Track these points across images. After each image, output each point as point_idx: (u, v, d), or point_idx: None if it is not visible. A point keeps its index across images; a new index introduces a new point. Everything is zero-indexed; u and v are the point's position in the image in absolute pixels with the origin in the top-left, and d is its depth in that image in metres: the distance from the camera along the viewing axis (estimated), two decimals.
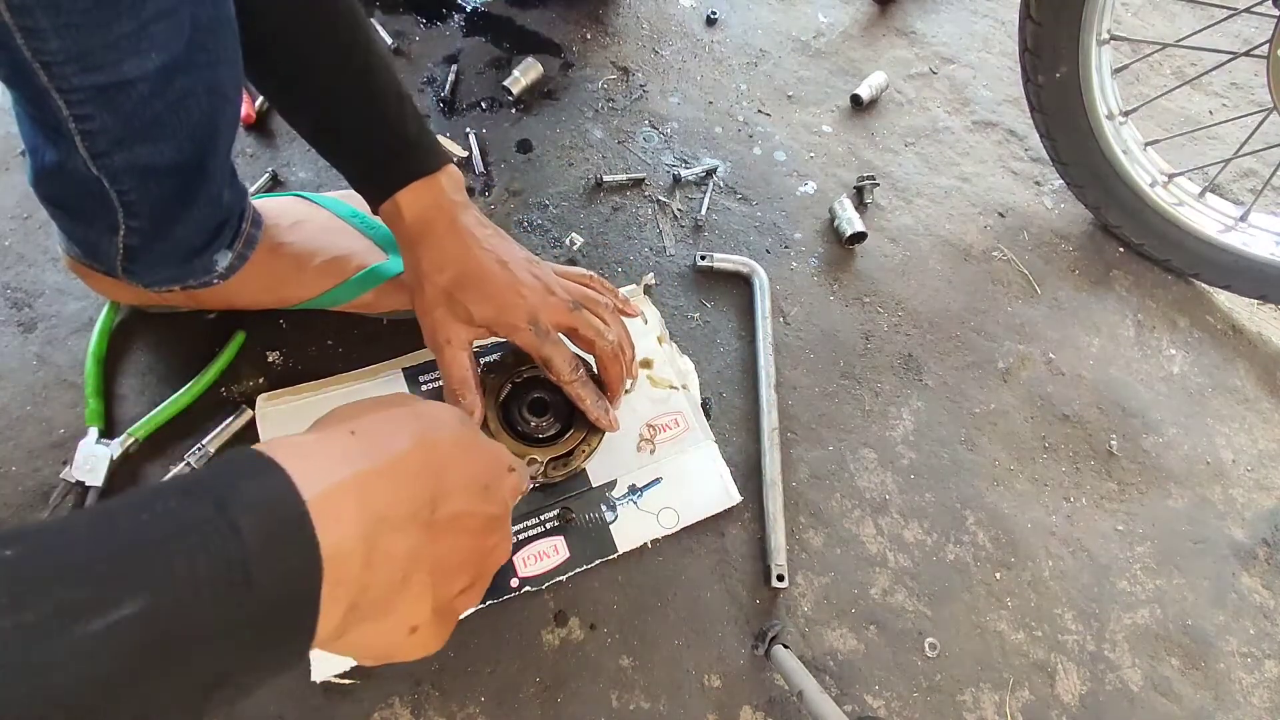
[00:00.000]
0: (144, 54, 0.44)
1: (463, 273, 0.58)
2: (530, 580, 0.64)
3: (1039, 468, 0.79)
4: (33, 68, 0.43)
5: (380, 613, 0.35)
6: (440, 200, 0.59)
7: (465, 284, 0.58)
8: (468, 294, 0.58)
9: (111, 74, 0.44)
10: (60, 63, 0.43)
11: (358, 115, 0.58)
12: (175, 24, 0.45)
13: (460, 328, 0.59)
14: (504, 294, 0.59)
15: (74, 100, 0.45)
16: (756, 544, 0.69)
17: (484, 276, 0.59)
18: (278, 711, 0.58)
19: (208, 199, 0.58)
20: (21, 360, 0.69)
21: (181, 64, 0.47)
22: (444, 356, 0.60)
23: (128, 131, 0.48)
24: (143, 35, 0.44)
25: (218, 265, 0.64)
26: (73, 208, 0.58)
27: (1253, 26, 1.20)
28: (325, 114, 0.59)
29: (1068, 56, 0.83)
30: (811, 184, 0.94)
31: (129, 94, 0.46)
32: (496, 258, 0.59)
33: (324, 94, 0.58)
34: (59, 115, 0.46)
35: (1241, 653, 0.72)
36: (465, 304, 0.58)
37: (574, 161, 0.91)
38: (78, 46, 0.42)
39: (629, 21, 1.05)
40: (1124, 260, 0.96)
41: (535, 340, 0.60)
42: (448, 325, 0.59)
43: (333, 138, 0.61)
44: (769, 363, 0.77)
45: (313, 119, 0.61)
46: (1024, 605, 0.71)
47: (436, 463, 0.38)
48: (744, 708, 0.63)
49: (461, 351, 0.60)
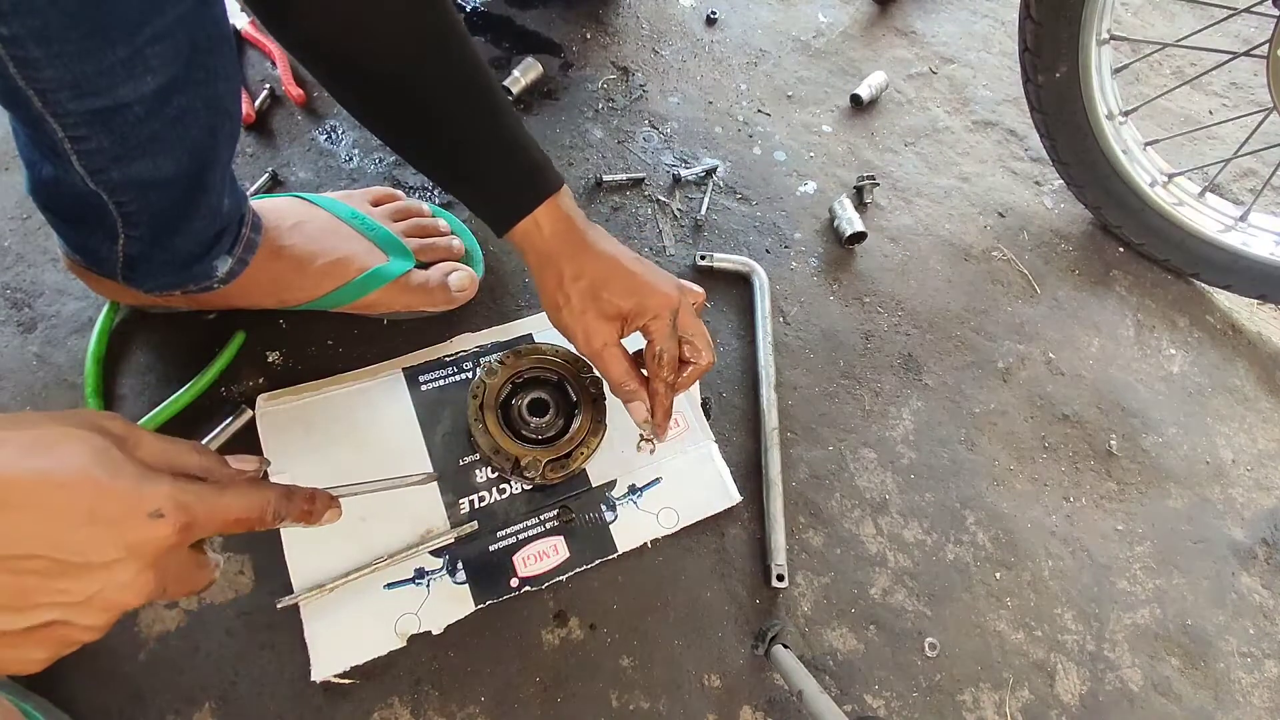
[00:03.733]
0: (139, 78, 0.44)
1: (602, 274, 0.60)
2: (530, 580, 0.64)
3: (1039, 467, 0.79)
4: (27, 95, 0.42)
5: None
6: (570, 214, 0.60)
7: (608, 283, 0.60)
8: (612, 291, 0.59)
9: (107, 98, 0.44)
10: (54, 90, 0.42)
11: (487, 141, 0.58)
12: (173, 46, 0.44)
13: (608, 327, 0.60)
14: (644, 287, 0.60)
15: (69, 124, 0.45)
16: (756, 544, 0.69)
17: (623, 273, 0.60)
18: (277, 711, 0.58)
19: (207, 209, 0.58)
20: (21, 360, 0.69)
21: (180, 83, 0.46)
22: (605, 359, 0.61)
23: (125, 150, 0.48)
24: (138, 59, 0.43)
25: (217, 271, 0.63)
26: (71, 217, 0.58)
27: (1253, 26, 1.20)
28: (454, 146, 0.59)
29: (1067, 56, 0.83)
30: (811, 184, 0.94)
31: (125, 116, 0.46)
32: (629, 257, 0.61)
33: (451, 125, 0.57)
34: (55, 137, 0.45)
35: (1241, 652, 0.72)
36: (611, 300, 0.59)
37: (574, 161, 0.91)
38: (71, 74, 0.42)
39: (629, 21, 1.05)
40: (1124, 260, 0.96)
41: (667, 331, 0.61)
42: (600, 328, 0.60)
43: (462, 167, 0.60)
44: (769, 363, 0.77)
45: (439, 151, 0.60)
46: (1024, 605, 0.71)
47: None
48: (744, 708, 0.63)
49: (618, 349, 0.61)
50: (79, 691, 0.56)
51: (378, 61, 0.54)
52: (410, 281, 0.71)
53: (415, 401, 0.70)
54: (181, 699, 0.57)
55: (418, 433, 0.68)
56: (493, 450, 0.66)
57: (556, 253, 0.60)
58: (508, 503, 0.67)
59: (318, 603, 0.60)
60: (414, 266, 0.72)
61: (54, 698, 0.55)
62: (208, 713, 0.57)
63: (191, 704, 0.57)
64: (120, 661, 0.58)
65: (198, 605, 0.61)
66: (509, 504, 0.67)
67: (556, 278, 0.60)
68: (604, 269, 0.60)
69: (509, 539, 0.65)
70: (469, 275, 0.74)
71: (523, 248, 0.61)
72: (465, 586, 0.63)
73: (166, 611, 0.60)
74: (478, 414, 0.67)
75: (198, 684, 0.58)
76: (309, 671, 0.58)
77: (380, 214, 0.74)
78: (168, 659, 0.58)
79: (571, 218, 0.60)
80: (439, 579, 0.63)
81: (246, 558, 0.63)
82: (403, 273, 0.70)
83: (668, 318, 0.61)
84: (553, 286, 0.61)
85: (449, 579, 0.63)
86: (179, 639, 0.59)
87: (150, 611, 0.60)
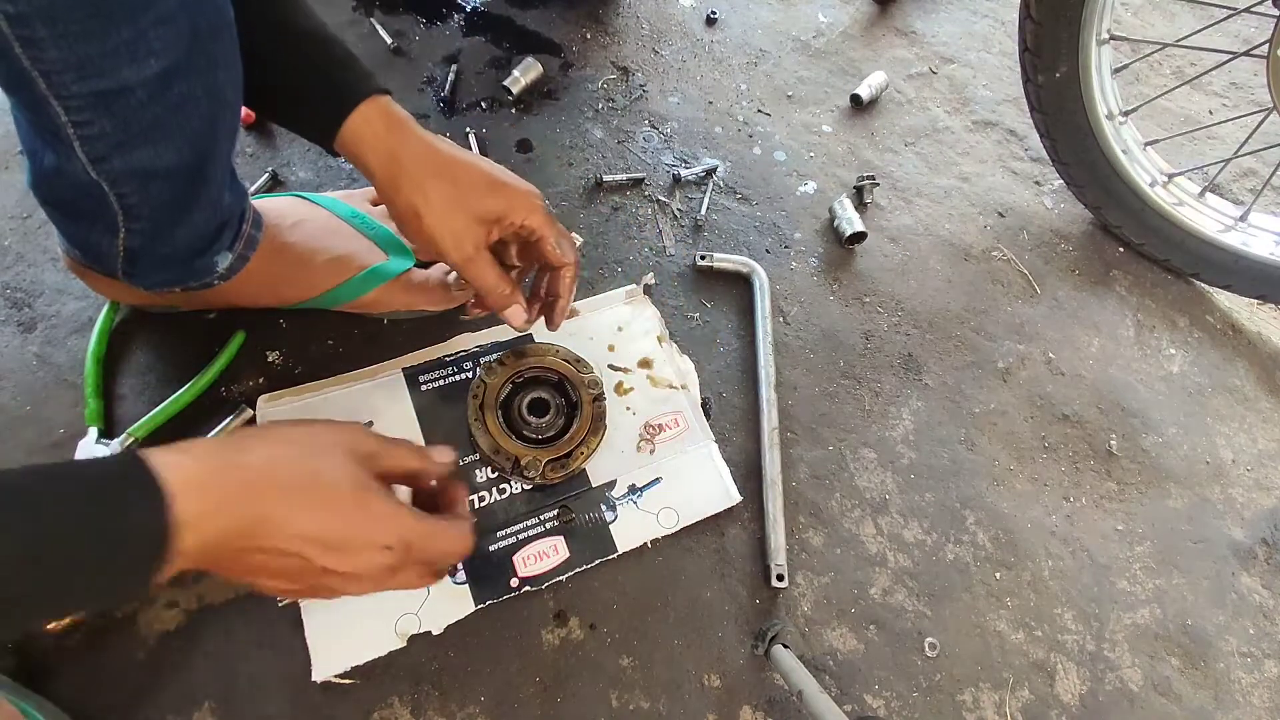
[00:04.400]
0: (143, 60, 0.44)
1: (466, 176, 0.57)
2: (530, 580, 0.64)
3: (1039, 467, 0.79)
4: (31, 76, 0.42)
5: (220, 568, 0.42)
6: (405, 115, 0.58)
7: (474, 185, 0.57)
8: (480, 192, 0.57)
9: (110, 80, 0.44)
10: (59, 71, 0.43)
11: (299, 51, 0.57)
12: (175, 30, 0.45)
13: (479, 230, 0.58)
14: (508, 187, 0.58)
15: (72, 107, 0.45)
16: (756, 544, 0.69)
17: (485, 174, 0.58)
18: (277, 711, 0.58)
19: (208, 202, 0.58)
20: (21, 360, 0.69)
21: (181, 69, 0.47)
22: (479, 263, 0.58)
23: (127, 136, 0.48)
24: (141, 42, 0.43)
25: (218, 267, 0.64)
26: (72, 211, 0.58)
27: (1253, 26, 1.20)
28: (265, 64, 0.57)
29: (1067, 56, 0.83)
30: (811, 184, 0.94)
31: (128, 100, 0.46)
32: (482, 159, 0.59)
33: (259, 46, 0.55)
34: (57, 121, 0.46)
35: (1241, 652, 0.72)
36: (481, 201, 0.57)
37: (574, 161, 0.91)
38: (76, 55, 0.42)
39: (629, 21, 1.05)
40: (1124, 260, 0.96)
41: (549, 219, 0.59)
42: (471, 231, 0.57)
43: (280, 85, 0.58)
44: (769, 363, 0.77)
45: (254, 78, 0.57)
46: (1024, 605, 0.71)
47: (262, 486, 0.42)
48: (744, 708, 0.63)
49: (488, 253, 0.59)
50: (79, 691, 0.56)
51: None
52: (410, 280, 0.71)
53: (415, 401, 0.70)
54: (181, 699, 0.57)
55: (418, 433, 0.68)
56: (493, 450, 0.66)
57: (402, 152, 0.56)
58: (508, 503, 0.67)
59: (318, 602, 0.60)
60: (414, 265, 0.72)
61: (54, 698, 0.55)
62: (208, 712, 0.57)
63: (191, 704, 0.57)
64: (120, 661, 0.58)
65: (197, 605, 0.61)
66: (509, 504, 0.67)
67: (411, 180, 0.56)
68: (466, 171, 0.57)
69: (509, 539, 0.65)
70: None
71: (359, 155, 0.57)
72: (465, 586, 0.63)
73: (166, 611, 0.60)
74: (478, 414, 0.67)
75: (198, 684, 0.58)
76: (309, 671, 0.58)
77: (380, 213, 0.74)
78: (168, 659, 0.58)
79: (407, 118, 0.57)
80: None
81: None
82: (402, 271, 0.70)
83: (543, 210, 0.60)
84: (408, 189, 0.56)
85: (449, 579, 0.63)
86: (179, 639, 0.59)
87: (150, 611, 0.60)
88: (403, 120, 0.57)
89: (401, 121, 0.57)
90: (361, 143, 0.56)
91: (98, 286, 0.67)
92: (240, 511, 0.40)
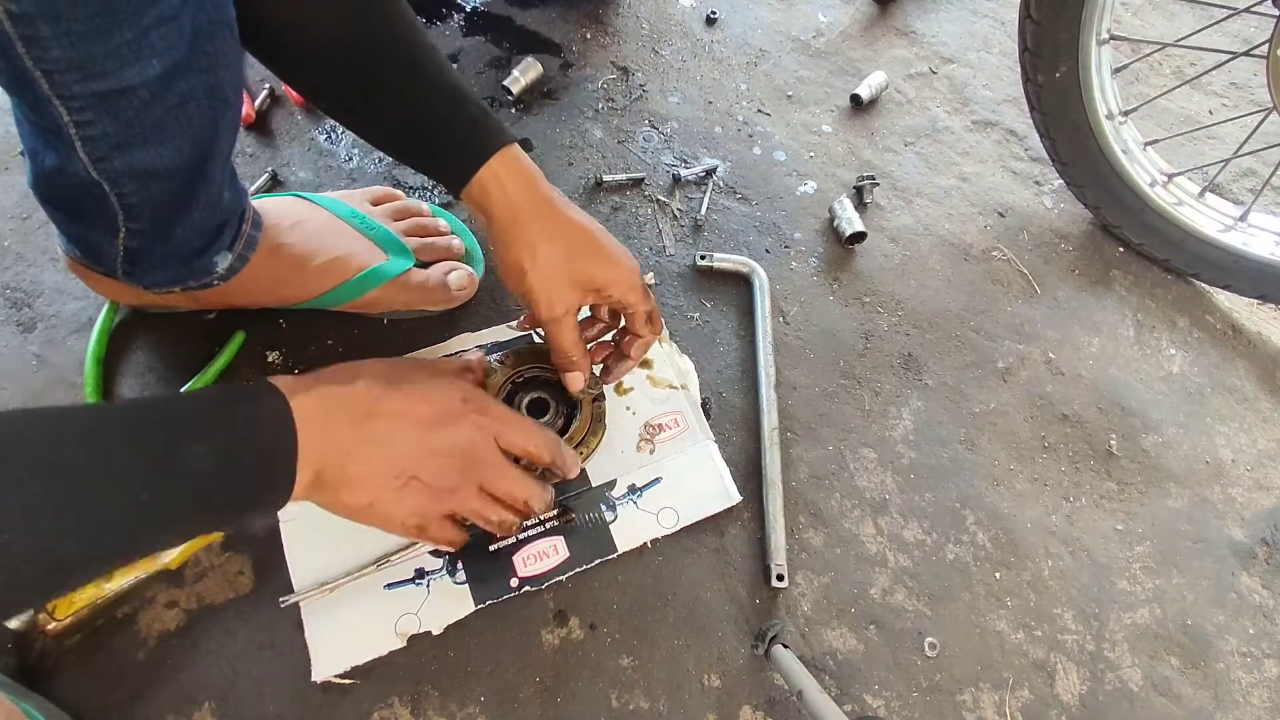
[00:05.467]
0: (145, 60, 0.44)
1: (578, 242, 0.59)
2: (530, 580, 0.64)
3: (1039, 467, 0.79)
4: (34, 76, 0.42)
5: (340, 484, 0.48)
6: (533, 170, 0.59)
7: (584, 252, 0.59)
8: (587, 260, 0.58)
9: (113, 81, 0.44)
10: (61, 71, 0.43)
11: (430, 96, 0.58)
12: (176, 29, 0.45)
13: (575, 295, 0.59)
14: (614, 258, 0.60)
15: (74, 107, 0.45)
16: (756, 544, 0.69)
17: (596, 244, 0.59)
18: (277, 711, 0.58)
19: (208, 201, 0.58)
20: (21, 360, 0.69)
21: (182, 68, 0.47)
22: (563, 325, 0.60)
23: (128, 136, 0.48)
24: (143, 42, 0.43)
25: (218, 266, 0.64)
26: (73, 210, 0.58)
27: (1253, 26, 1.20)
28: (398, 106, 0.58)
29: (1067, 56, 0.83)
30: (811, 184, 0.94)
31: (130, 100, 0.46)
32: (597, 226, 0.60)
33: (391, 86, 0.57)
34: (59, 121, 0.46)
35: (1241, 652, 0.72)
36: (585, 269, 0.58)
37: (574, 161, 0.91)
38: (79, 54, 0.42)
39: (629, 21, 1.05)
40: (1124, 260, 0.96)
41: (644, 296, 0.62)
42: (566, 296, 0.59)
43: (410, 127, 0.59)
44: (769, 362, 0.77)
45: (386, 115, 0.59)
46: (1024, 605, 0.71)
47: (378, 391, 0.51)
48: (744, 708, 0.63)
49: (574, 318, 0.61)
50: (79, 691, 0.56)
51: (307, 29, 0.54)
52: (410, 280, 0.71)
53: None
54: (181, 699, 0.57)
55: None
56: None
57: (525, 211, 0.57)
58: None
59: (318, 602, 0.60)
60: (413, 265, 0.72)
61: (54, 698, 0.55)
62: (208, 712, 0.57)
63: (191, 704, 0.57)
64: (120, 661, 0.58)
65: (197, 605, 0.61)
66: None
67: (525, 239, 0.57)
68: (579, 237, 0.59)
69: (509, 539, 0.65)
70: (468, 274, 0.74)
71: (483, 205, 0.58)
72: (465, 586, 0.63)
73: (167, 611, 0.60)
74: None
75: (198, 684, 0.58)
76: (309, 671, 0.58)
77: (380, 213, 0.74)
78: (168, 659, 0.58)
79: (535, 175, 0.59)
80: (439, 579, 0.63)
81: (246, 558, 0.63)
82: (402, 271, 0.70)
83: (641, 287, 0.61)
84: (519, 246, 0.58)
85: (449, 579, 0.63)
86: (179, 639, 0.59)
87: (150, 611, 0.60)
88: (530, 177, 0.58)
89: (528, 179, 0.58)
90: (488, 196, 0.58)
91: (98, 286, 0.67)
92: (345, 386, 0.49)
